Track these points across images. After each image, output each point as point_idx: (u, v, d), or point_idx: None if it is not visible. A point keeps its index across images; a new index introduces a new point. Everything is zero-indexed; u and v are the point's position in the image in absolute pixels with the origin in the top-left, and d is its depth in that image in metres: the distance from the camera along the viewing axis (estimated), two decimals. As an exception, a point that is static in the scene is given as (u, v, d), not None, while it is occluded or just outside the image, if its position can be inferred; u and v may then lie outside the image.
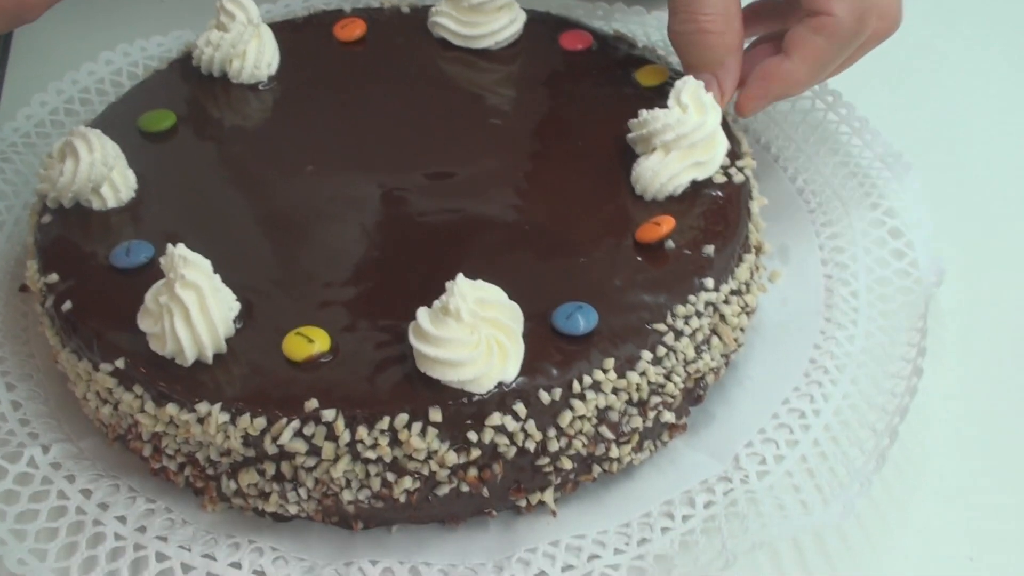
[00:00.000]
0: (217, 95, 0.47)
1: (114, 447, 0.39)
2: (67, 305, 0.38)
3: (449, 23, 0.49)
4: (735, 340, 0.40)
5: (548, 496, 0.37)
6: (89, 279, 0.39)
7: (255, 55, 0.47)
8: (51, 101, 0.51)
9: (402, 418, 0.34)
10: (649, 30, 0.55)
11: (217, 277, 0.36)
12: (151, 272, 0.38)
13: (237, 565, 0.35)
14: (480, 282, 0.35)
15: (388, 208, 0.42)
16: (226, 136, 0.45)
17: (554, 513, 0.37)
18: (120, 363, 0.36)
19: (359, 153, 0.44)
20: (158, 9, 0.60)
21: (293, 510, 0.36)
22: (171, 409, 0.35)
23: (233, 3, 0.47)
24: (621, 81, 0.47)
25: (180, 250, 0.35)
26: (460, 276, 0.34)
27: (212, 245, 0.37)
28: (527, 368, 0.35)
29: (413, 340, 0.35)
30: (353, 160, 0.44)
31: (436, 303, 0.35)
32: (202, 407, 0.35)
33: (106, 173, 0.41)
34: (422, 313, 0.35)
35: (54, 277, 0.39)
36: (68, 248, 0.40)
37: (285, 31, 0.49)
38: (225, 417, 0.34)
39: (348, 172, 0.43)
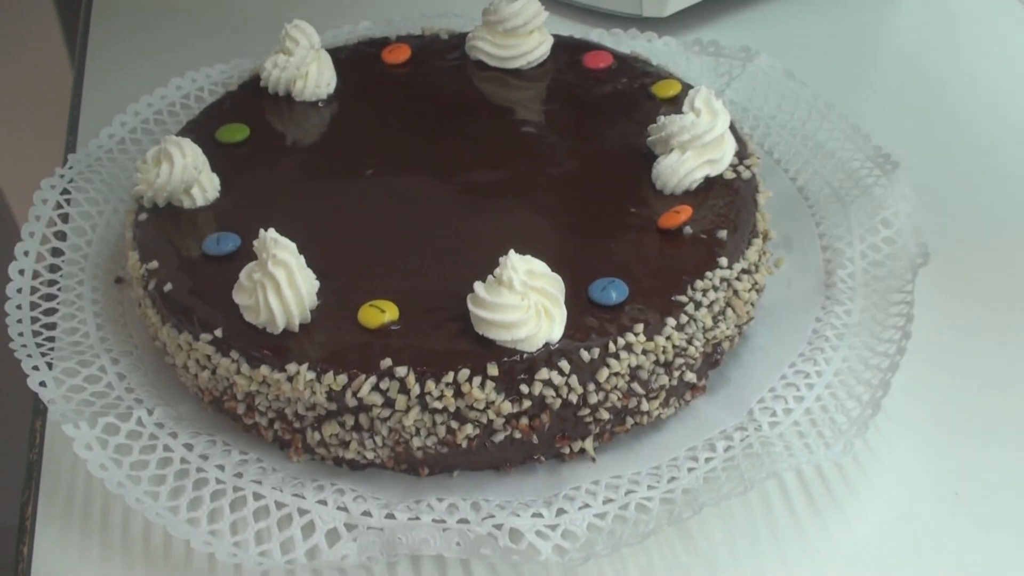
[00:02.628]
0: (283, 111, 0.53)
1: (208, 410, 0.44)
2: (168, 287, 0.44)
3: (485, 46, 0.56)
4: (747, 312, 0.46)
5: (588, 444, 0.42)
6: (185, 265, 0.45)
7: (316, 76, 0.53)
8: (130, 121, 0.57)
9: (464, 372, 0.40)
10: (658, 53, 0.61)
11: (301, 257, 0.42)
12: (238, 258, 0.44)
13: (323, 503, 0.40)
14: (529, 256, 0.41)
15: (439, 201, 0.48)
16: (294, 145, 0.52)
17: (593, 459, 0.42)
18: (218, 332, 0.42)
19: (411, 158, 0.51)
20: (217, 41, 0.67)
21: (370, 456, 0.41)
22: (264, 370, 0.41)
23: (297, 30, 0.53)
24: (639, 94, 0.54)
25: (271, 233, 0.41)
26: (512, 251, 0.40)
27: (290, 234, 0.43)
28: (569, 331, 0.41)
29: (472, 306, 0.40)
30: (406, 164, 0.50)
31: (491, 275, 0.40)
32: (291, 367, 0.40)
33: (196, 176, 0.47)
34: (479, 284, 0.40)
35: (155, 264, 0.45)
36: (164, 240, 0.46)
37: (340, 55, 0.55)
38: (311, 375, 0.40)
39: (403, 174, 0.50)
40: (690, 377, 0.44)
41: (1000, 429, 0.45)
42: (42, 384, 0.43)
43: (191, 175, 0.47)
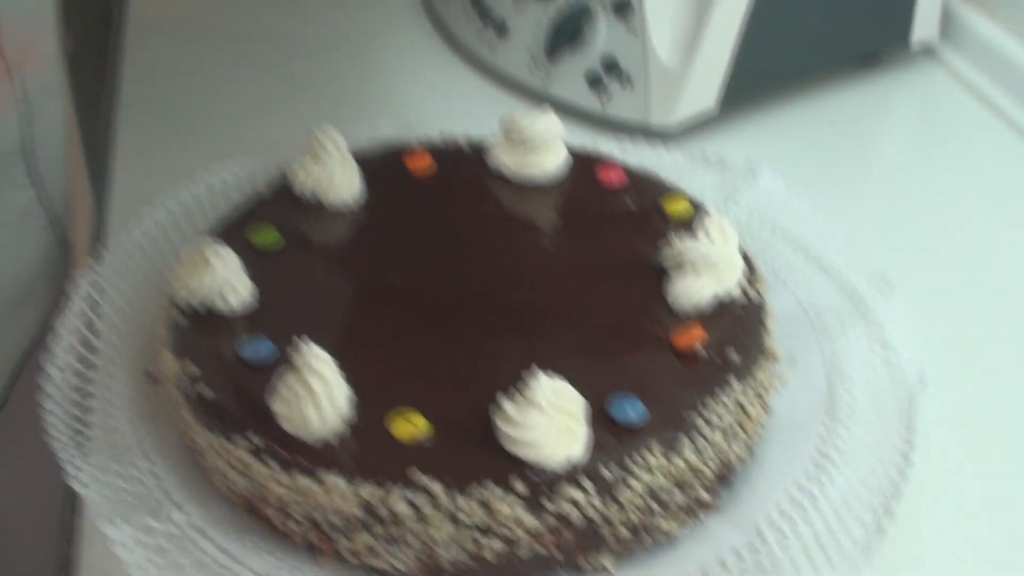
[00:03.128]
0: (311, 216, 0.56)
1: (239, 511, 0.46)
2: (206, 391, 0.46)
3: (505, 159, 0.58)
4: (757, 432, 0.48)
5: (608, 559, 0.44)
6: (221, 369, 0.47)
7: (343, 183, 0.56)
8: (159, 215, 0.59)
9: (492, 488, 0.42)
10: (665, 165, 0.64)
11: (337, 369, 0.44)
12: (274, 364, 0.46)
13: (352, 609, 0.42)
14: (554, 376, 0.43)
15: (462, 312, 0.50)
16: (323, 251, 0.54)
17: (612, 574, 0.44)
18: (255, 439, 0.43)
19: (436, 268, 0.53)
20: (242, 136, 0.69)
21: (399, 566, 0.43)
22: (299, 479, 0.43)
23: (326, 137, 0.56)
24: (650, 210, 0.56)
25: (310, 346, 0.43)
26: (539, 372, 0.43)
27: (323, 342, 0.45)
28: (591, 450, 0.43)
29: (499, 423, 0.42)
30: (431, 274, 0.52)
31: (518, 394, 0.43)
32: (326, 477, 0.42)
33: (231, 281, 0.49)
34: (506, 402, 0.43)
35: (191, 367, 0.47)
36: (200, 343, 0.48)
37: (365, 160, 0.58)
38: (346, 486, 0.42)
39: (428, 284, 0.52)
40: (704, 496, 0.46)
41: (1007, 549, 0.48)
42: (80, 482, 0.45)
43: (227, 281, 0.49)
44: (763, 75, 0.72)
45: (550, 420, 0.42)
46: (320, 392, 0.43)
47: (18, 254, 0.64)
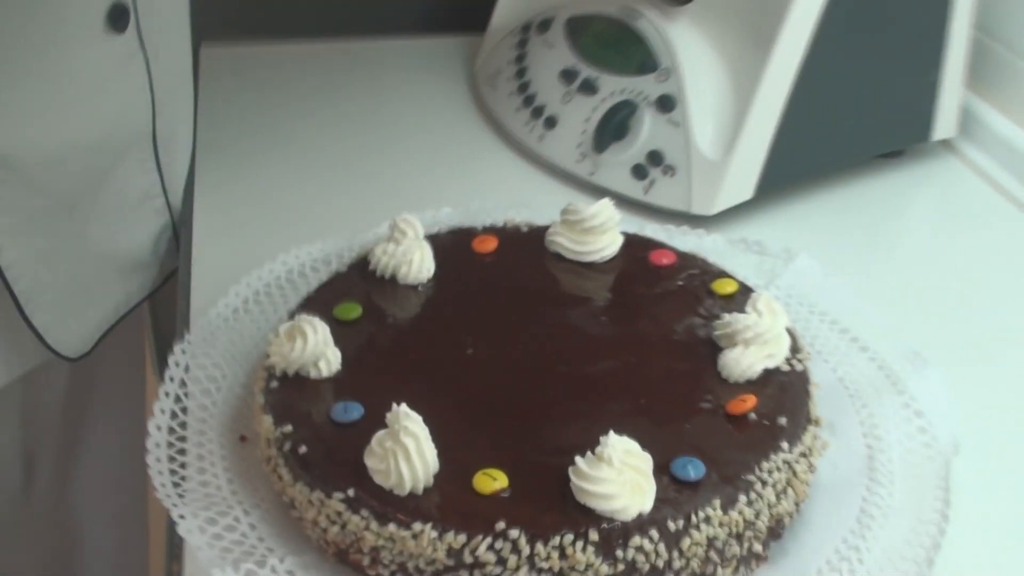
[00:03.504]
0: (388, 292, 0.61)
1: (331, 560, 0.50)
2: (303, 449, 0.50)
3: (564, 241, 0.63)
4: (804, 491, 0.52)
5: (670, 605, 0.48)
6: (316, 430, 0.51)
7: (419, 263, 0.61)
8: (243, 292, 0.64)
9: (568, 537, 0.46)
10: (707, 249, 0.68)
11: (426, 428, 0.48)
12: (362, 425, 0.50)
13: (440, 650, 0.46)
14: (625, 437, 0.47)
15: (529, 379, 0.55)
16: (401, 324, 0.59)
17: (675, 618, 0.48)
18: (350, 492, 0.48)
19: (504, 340, 0.58)
20: (311, 221, 0.75)
21: (481, 608, 0.47)
22: (391, 528, 0.47)
23: (405, 223, 0.61)
24: (700, 290, 0.61)
25: (403, 408, 0.48)
26: (612, 432, 0.47)
27: (408, 405, 0.49)
28: (657, 504, 0.47)
29: (575, 479, 0.47)
30: (501, 345, 0.57)
31: (591, 453, 0.47)
32: (416, 526, 0.46)
33: (324, 350, 0.54)
34: (581, 460, 0.47)
35: (288, 428, 0.51)
36: (295, 407, 0.52)
37: (436, 242, 0.63)
38: (434, 534, 0.46)
39: (499, 354, 0.57)
40: (757, 548, 0.50)
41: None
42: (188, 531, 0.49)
43: (320, 350, 0.54)
44: (797, 166, 0.77)
45: (621, 475, 0.46)
46: (412, 449, 0.47)
47: (135, 229, 0.74)
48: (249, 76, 0.96)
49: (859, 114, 0.79)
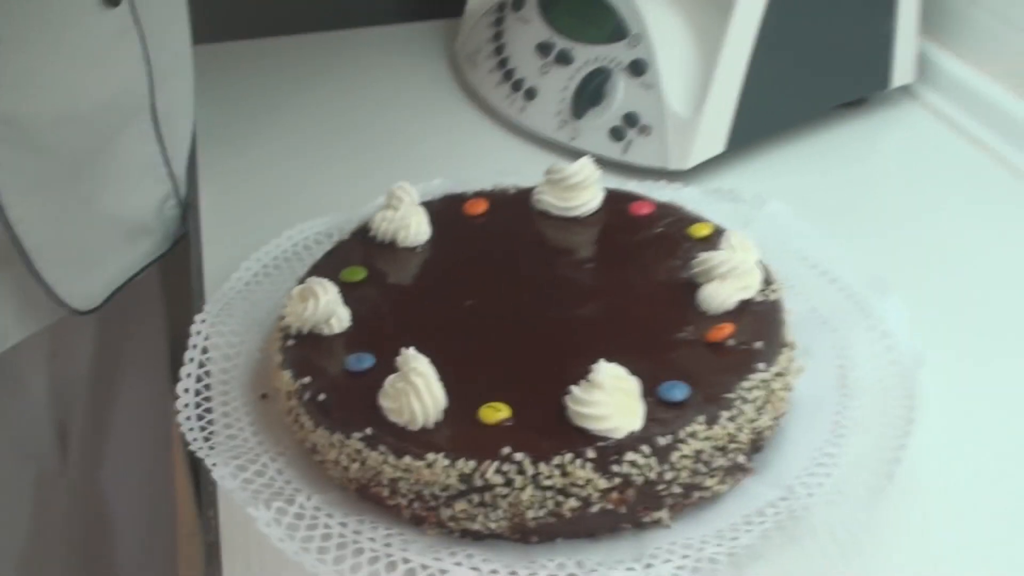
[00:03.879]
0: (389, 256, 0.65)
1: (352, 496, 0.54)
2: (321, 396, 0.55)
3: (549, 199, 0.68)
4: (781, 407, 0.57)
5: (664, 514, 0.53)
6: (333, 380, 0.56)
7: (416, 227, 0.65)
8: (253, 266, 0.69)
9: (568, 456, 0.50)
10: (684, 200, 0.73)
11: (432, 369, 0.53)
12: (374, 373, 0.55)
13: (459, 564, 0.50)
14: (614, 364, 0.52)
15: (528, 324, 0.60)
16: (404, 282, 0.64)
17: (668, 526, 0.53)
18: (368, 431, 0.53)
19: (500, 290, 0.62)
20: (313, 199, 0.79)
21: (492, 527, 0.52)
22: (407, 460, 0.51)
23: (401, 190, 0.66)
24: (678, 235, 0.66)
25: (411, 351, 0.52)
26: (602, 360, 0.52)
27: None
28: (647, 422, 0.52)
29: (570, 404, 0.52)
30: (497, 295, 0.62)
31: (584, 380, 0.52)
32: (430, 456, 0.51)
33: (334, 309, 0.58)
34: (575, 388, 0.52)
35: (308, 379, 0.56)
36: (312, 361, 0.57)
37: (430, 207, 0.68)
38: (447, 462, 0.51)
39: (495, 303, 0.61)
40: (741, 459, 0.54)
41: (997, 502, 0.56)
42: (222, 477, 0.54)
43: (331, 308, 0.58)
44: (764, 119, 0.82)
45: (612, 398, 0.51)
46: (421, 387, 0.52)
47: (139, 195, 0.78)
48: (240, 71, 1.00)
49: (819, 66, 0.84)
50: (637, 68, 0.80)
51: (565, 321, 0.60)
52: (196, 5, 0.82)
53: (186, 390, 0.60)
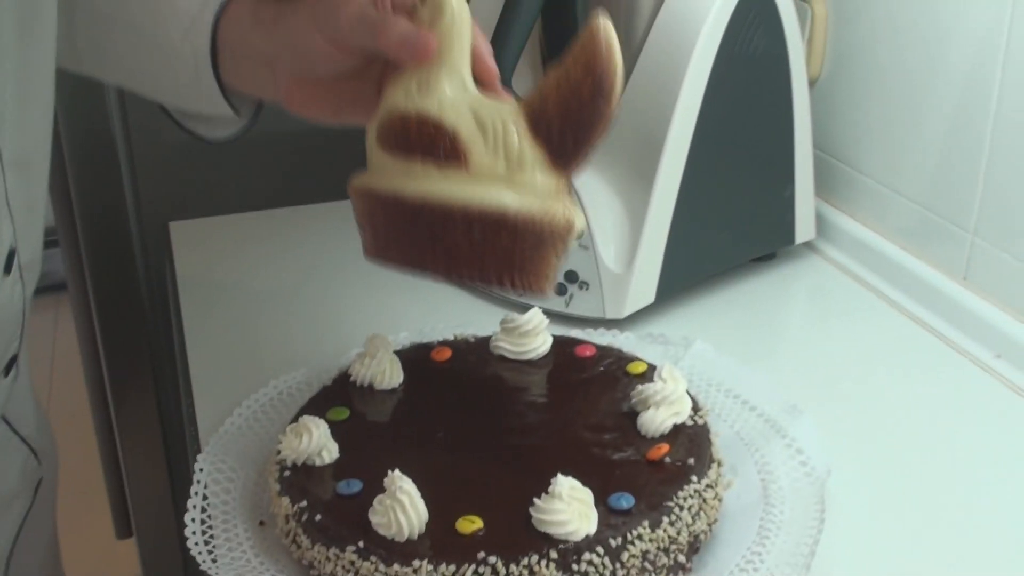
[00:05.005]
0: (367, 397, 0.74)
1: (347, 604, 0.62)
2: (318, 517, 0.63)
3: (505, 344, 0.78)
4: (714, 514, 0.66)
5: (618, 607, 0.61)
6: (326, 503, 0.64)
7: (390, 372, 0.75)
8: (245, 413, 0.78)
9: (534, 558, 0.59)
10: (621, 344, 0.84)
11: (415, 488, 0.62)
12: (362, 496, 0.64)
13: (444, 656, 0.58)
14: (570, 477, 0.61)
15: (494, 452, 0.69)
16: (382, 420, 0.73)
17: (622, 618, 0.61)
18: (361, 544, 0.61)
19: (466, 424, 0.72)
20: (290, 353, 0.88)
21: (471, 623, 0.60)
22: (396, 567, 0.60)
23: (378, 340, 0.76)
24: (617, 372, 0.76)
25: (397, 473, 0.61)
26: (560, 475, 0.61)
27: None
28: (600, 527, 0.61)
29: (535, 513, 0.61)
30: (464, 428, 0.71)
31: (545, 493, 0.61)
32: (416, 563, 0.59)
33: (325, 443, 0.67)
34: (538, 500, 0.61)
35: (304, 503, 0.64)
36: (307, 488, 0.66)
37: (402, 355, 0.77)
38: (430, 567, 0.59)
39: (463, 435, 0.71)
40: (681, 559, 0.64)
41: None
42: (232, 592, 0.61)
43: (322, 442, 0.67)
44: (687, 272, 0.94)
45: (570, 506, 0.60)
46: (407, 503, 0.61)
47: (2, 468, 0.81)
48: (216, 243, 1.11)
49: (733, 226, 0.97)
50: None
51: (525, 446, 0.70)
52: (166, 185, 0.91)
53: (192, 520, 0.67)
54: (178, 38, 0.73)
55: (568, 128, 0.62)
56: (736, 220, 0.97)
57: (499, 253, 0.64)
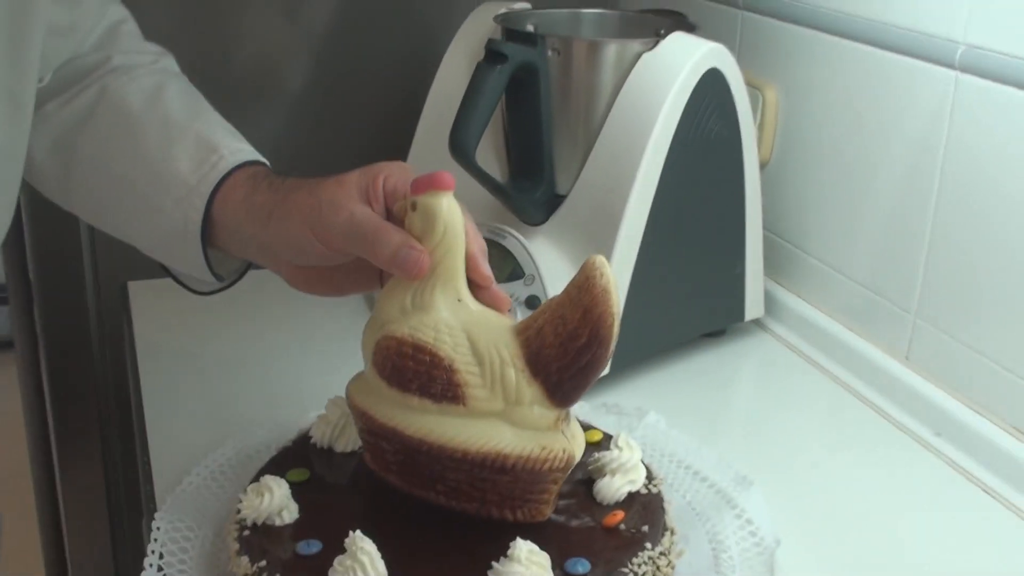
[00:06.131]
0: (325, 458, 0.75)
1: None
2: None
3: (464, 411, 0.80)
4: (667, 580, 0.68)
5: (573, 670, 0.62)
6: (286, 563, 0.65)
7: (350, 435, 0.76)
8: (203, 472, 0.78)
9: (494, 620, 0.60)
10: (577, 413, 0.86)
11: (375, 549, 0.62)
12: (322, 556, 0.64)
13: None
14: (528, 541, 0.63)
15: (452, 513, 0.70)
16: (341, 482, 0.73)
17: None
18: (322, 604, 0.61)
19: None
20: (250, 412, 0.89)
21: None
22: (356, 626, 0.60)
23: (335, 404, 0.76)
24: (574, 441, 0.78)
25: (358, 534, 0.62)
26: (519, 539, 0.62)
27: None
28: (557, 592, 0.62)
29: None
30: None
31: (504, 556, 0.62)
32: (376, 622, 0.60)
33: (286, 502, 0.68)
34: (496, 564, 0.62)
35: (264, 562, 0.65)
36: (266, 548, 0.66)
37: (361, 420, 0.78)
38: (390, 627, 0.60)
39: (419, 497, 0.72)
40: (635, 624, 0.65)
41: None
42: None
43: (283, 502, 0.68)
44: (640, 346, 0.96)
45: (528, 569, 0.62)
46: (367, 564, 0.61)
47: None
48: (175, 303, 1.11)
49: (685, 301, 0.99)
50: (532, 303, 0.94)
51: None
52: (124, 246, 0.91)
53: (149, 581, 0.67)
54: (171, 205, 0.75)
55: (566, 373, 0.65)
56: (688, 296, 1.00)
57: (500, 490, 0.66)
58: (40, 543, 1.46)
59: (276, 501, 0.67)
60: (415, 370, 0.65)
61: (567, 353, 0.64)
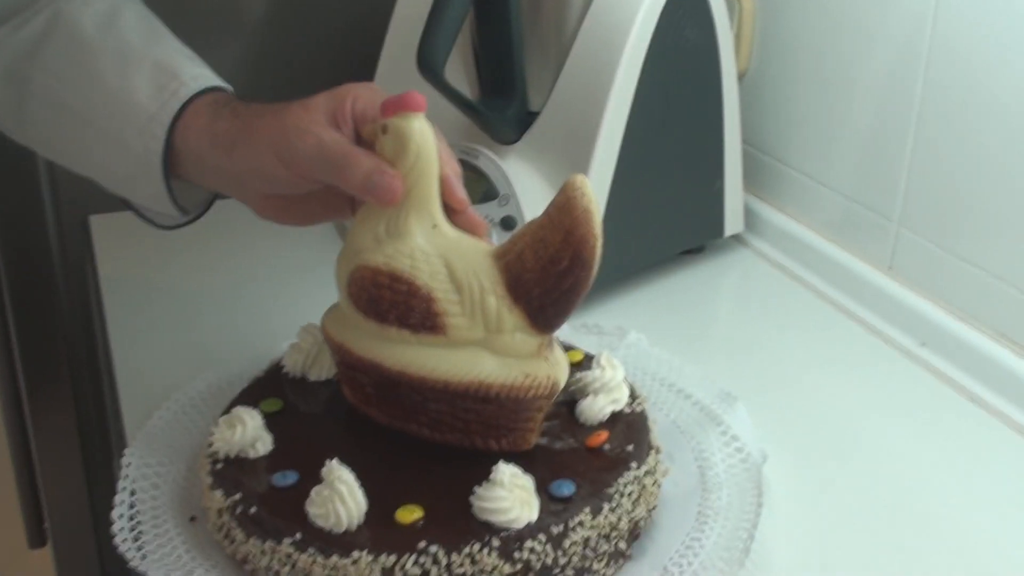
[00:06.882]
0: (299, 388, 0.73)
1: (284, 599, 0.61)
2: (252, 510, 0.61)
3: (440, 335, 0.77)
4: (653, 500, 0.66)
5: (560, 595, 0.61)
6: (261, 495, 0.63)
7: (323, 361, 0.74)
8: (173, 407, 0.76)
9: (476, 546, 0.58)
10: (558, 334, 0.84)
11: (354, 477, 0.60)
12: (299, 487, 0.62)
13: (385, 648, 0.57)
14: (511, 464, 0.61)
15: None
16: (315, 410, 0.71)
17: (564, 606, 0.61)
18: (298, 536, 0.59)
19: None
20: (220, 345, 0.86)
21: (412, 614, 0.59)
22: (334, 559, 0.58)
23: (308, 331, 0.74)
24: (554, 362, 0.76)
25: (335, 463, 0.60)
26: (502, 462, 0.61)
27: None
28: (541, 514, 0.60)
29: (476, 501, 0.60)
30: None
31: (487, 480, 0.60)
32: (355, 554, 0.58)
33: (260, 434, 0.66)
34: (479, 487, 0.60)
35: (238, 495, 0.63)
36: (240, 480, 0.64)
37: (335, 348, 0.76)
38: (370, 558, 0.58)
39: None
40: (622, 546, 0.63)
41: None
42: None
43: (256, 433, 0.65)
44: (620, 264, 0.94)
45: (511, 493, 0.60)
46: (346, 493, 0.59)
47: None
48: (139, 237, 1.07)
49: (663, 218, 0.97)
50: (508, 223, 0.92)
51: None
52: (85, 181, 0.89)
53: (120, 515, 0.65)
54: (131, 135, 0.71)
55: (548, 297, 0.62)
56: (667, 213, 0.98)
57: (483, 420, 0.64)
58: (15, 484, 1.44)
59: (249, 433, 0.65)
60: (392, 300, 0.63)
61: (548, 277, 0.61)
